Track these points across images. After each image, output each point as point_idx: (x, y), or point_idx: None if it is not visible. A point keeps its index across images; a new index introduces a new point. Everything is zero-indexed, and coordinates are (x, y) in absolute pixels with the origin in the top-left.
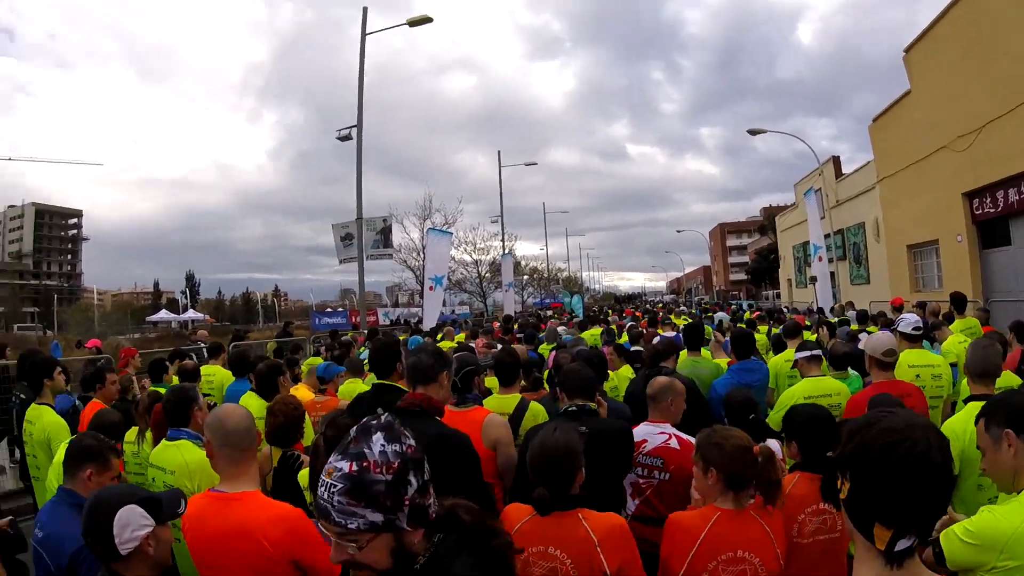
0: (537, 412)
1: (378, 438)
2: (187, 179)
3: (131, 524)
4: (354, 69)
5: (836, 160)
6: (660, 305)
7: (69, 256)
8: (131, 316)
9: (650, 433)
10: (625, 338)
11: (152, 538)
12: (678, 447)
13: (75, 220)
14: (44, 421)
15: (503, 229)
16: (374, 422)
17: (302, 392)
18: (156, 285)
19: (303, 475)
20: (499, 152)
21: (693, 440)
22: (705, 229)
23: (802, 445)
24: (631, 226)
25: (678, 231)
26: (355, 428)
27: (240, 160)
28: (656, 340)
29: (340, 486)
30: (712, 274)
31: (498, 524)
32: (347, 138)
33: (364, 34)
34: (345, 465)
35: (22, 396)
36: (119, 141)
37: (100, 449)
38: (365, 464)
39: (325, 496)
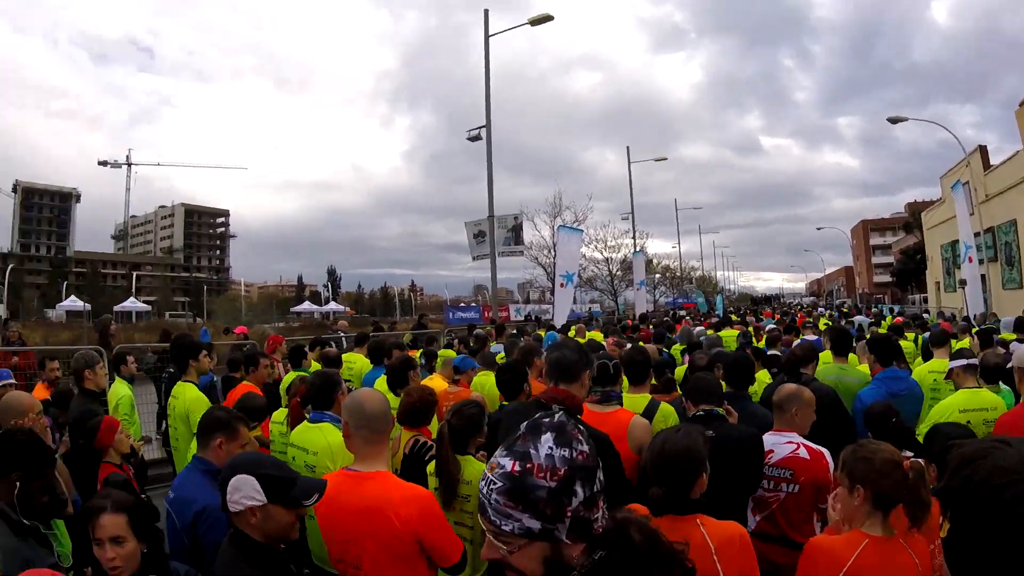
0: (667, 414)
1: (547, 439)
2: (327, 181)
3: (240, 491)
4: (480, 71)
5: (983, 150)
6: (799, 308)
7: (218, 252)
8: (276, 307)
9: (776, 443)
10: (764, 342)
11: (259, 511)
12: (807, 457)
13: (223, 219)
14: (186, 397)
15: (634, 226)
16: (546, 420)
17: (436, 382)
18: (300, 279)
19: (431, 466)
20: (628, 148)
21: (823, 450)
22: (847, 226)
23: (942, 469)
24: (768, 223)
25: (818, 228)
26: (526, 424)
27: (376, 163)
28: (796, 343)
29: (499, 485)
30: (855, 275)
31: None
32: (476, 138)
33: (487, 36)
34: (508, 463)
35: (171, 370)
36: (261, 147)
37: (228, 420)
38: (529, 466)
39: (484, 491)
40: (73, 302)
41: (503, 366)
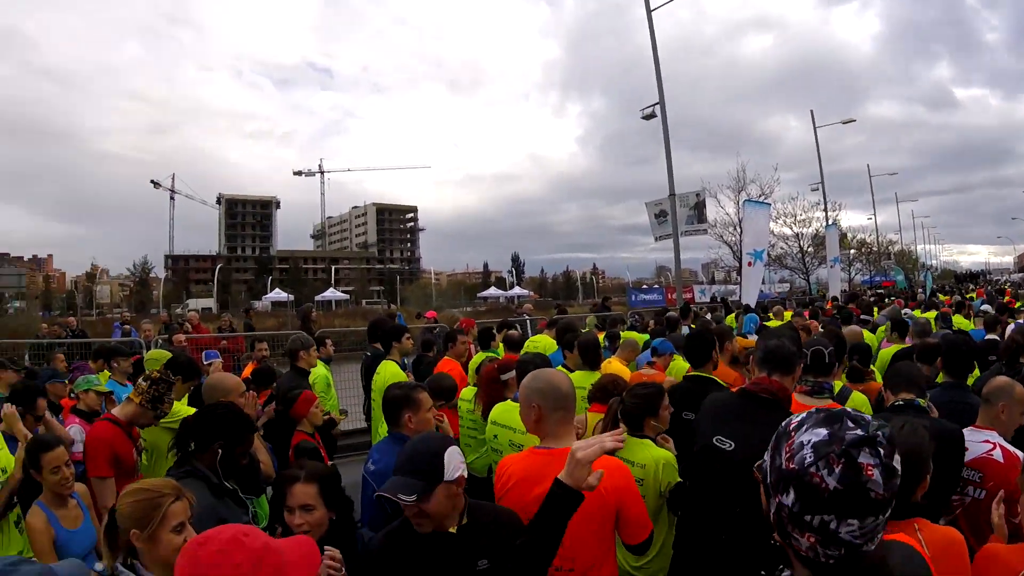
0: (859, 404)
1: (818, 434)
2: (506, 173)
3: None
4: (647, 49)
5: None
6: (1007, 285)
7: (408, 244)
8: (464, 293)
9: (972, 440)
10: (973, 324)
11: None
12: (1002, 460)
13: (411, 215)
14: (387, 372)
15: (824, 198)
16: (848, 422)
17: (615, 365)
18: (485, 266)
19: None
20: (812, 112)
21: (1021, 456)
22: None
23: None
24: (970, 188)
25: None
26: (835, 410)
27: (552, 150)
28: (1010, 328)
29: (782, 426)
30: None
31: None
32: (651, 116)
33: (649, 11)
34: (797, 418)
35: (367, 354)
36: (442, 146)
37: (406, 394)
38: (791, 435)
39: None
40: (277, 294)
41: (691, 333)
